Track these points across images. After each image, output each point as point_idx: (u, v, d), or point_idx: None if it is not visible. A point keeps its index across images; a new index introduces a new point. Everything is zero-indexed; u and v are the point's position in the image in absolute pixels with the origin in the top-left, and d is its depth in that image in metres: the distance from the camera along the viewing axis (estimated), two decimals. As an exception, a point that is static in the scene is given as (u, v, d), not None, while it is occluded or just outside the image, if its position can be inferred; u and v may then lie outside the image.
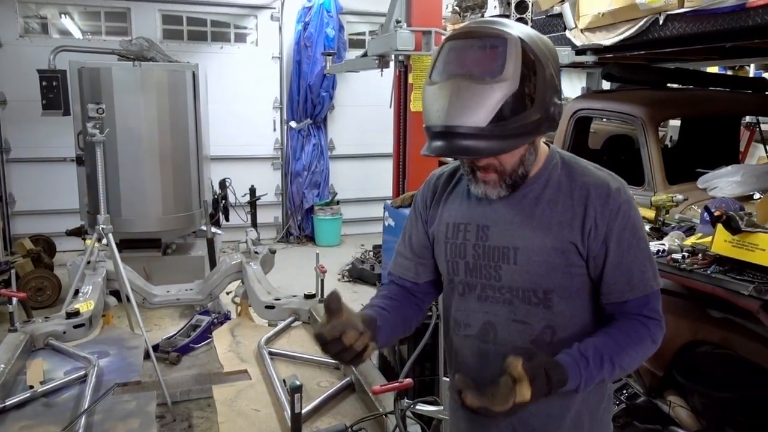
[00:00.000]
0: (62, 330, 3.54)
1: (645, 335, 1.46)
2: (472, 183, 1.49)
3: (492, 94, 1.29)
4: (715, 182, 3.42)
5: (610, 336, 1.45)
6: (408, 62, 4.45)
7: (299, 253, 8.14)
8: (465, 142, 1.31)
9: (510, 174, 1.44)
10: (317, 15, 8.22)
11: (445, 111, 1.32)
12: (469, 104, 1.30)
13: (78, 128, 5.82)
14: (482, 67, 1.31)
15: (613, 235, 1.44)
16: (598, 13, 3.71)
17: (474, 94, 1.30)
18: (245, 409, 2.85)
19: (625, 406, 3.29)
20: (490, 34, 1.34)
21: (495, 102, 1.29)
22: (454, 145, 1.33)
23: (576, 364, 1.38)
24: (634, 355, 1.44)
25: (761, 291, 2.32)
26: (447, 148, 1.34)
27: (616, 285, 1.46)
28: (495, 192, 1.46)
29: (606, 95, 4.61)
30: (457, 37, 1.39)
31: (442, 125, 1.33)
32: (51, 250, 7.06)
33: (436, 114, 1.35)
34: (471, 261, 1.53)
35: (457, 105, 1.31)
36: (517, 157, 1.42)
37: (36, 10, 7.77)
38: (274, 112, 8.75)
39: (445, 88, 1.33)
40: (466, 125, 1.30)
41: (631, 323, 1.46)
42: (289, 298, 4.11)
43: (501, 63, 1.30)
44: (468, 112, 1.30)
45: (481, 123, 1.29)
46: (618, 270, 1.45)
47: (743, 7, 2.84)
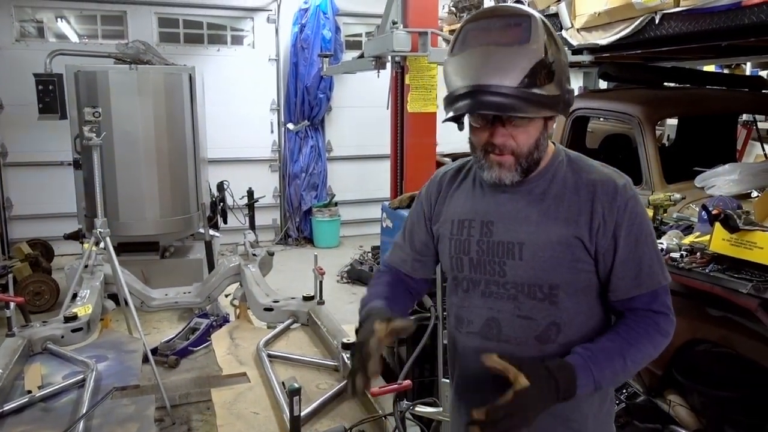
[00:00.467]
0: (60, 334, 3.53)
1: (654, 331, 1.45)
2: (485, 169, 1.48)
3: (522, 56, 1.33)
4: (713, 181, 3.42)
5: (619, 334, 1.45)
6: (404, 63, 4.46)
7: (298, 255, 8.14)
8: (494, 98, 1.33)
9: (526, 156, 1.44)
10: (314, 17, 8.22)
11: (476, 72, 1.34)
12: (500, 65, 1.33)
13: (75, 132, 5.81)
14: (509, 38, 1.35)
15: (621, 231, 1.44)
16: (594, 12, 3.71)
17: (505, 56, 1.34)
18: (244, 412, 2.84)
19: (625, 406, 3.28)
20: (513, 12, 1.39)
21: (526, 63, 1.33)
22: (482, 100, 1.34)
23: (586, 362, 1.38)
24: (645, 351, 1.44)
25: (759, 289, 2.32)
26: (475, 104, 1.35)
27: (624, 281, 1.46)
28: (509, 176, 1.46)
29: (603, 94, 4.62)
30: (478, 18, 1.42)
31: (472, 85, 1.34)
32: (49, 254, 7.05)
33: (465, 76, 1.36)
34: (475, 257, 1.53)
35: (489, 66, 1.34)
36: (533, 138, 1.43)
37: (32, 14, 7.77)
38: (271, 114, 8.75)
39: (474, 54, 1.37)
40: (498, 84, 1.32)
41: (641, 320, 1.46)
42: (288, 300, 4.10)
43: (527, 34, 1.34)
44: (500, 72, 1.33)
45: (513, 83, 1.32)
46: (626, 265, 1.45)
47: (738, 5, 2.84)
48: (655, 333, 1.45)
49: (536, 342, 1.49)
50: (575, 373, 1.36)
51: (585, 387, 1.37)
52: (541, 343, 1.49)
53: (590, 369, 1.38)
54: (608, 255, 1.46)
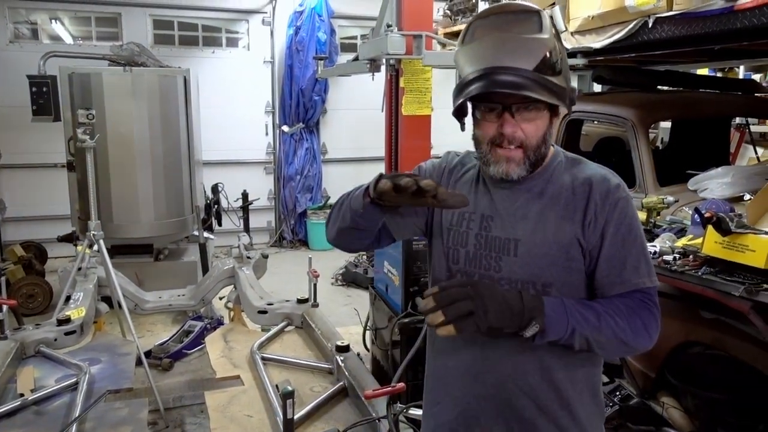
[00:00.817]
0: (53, 337, 3.52)
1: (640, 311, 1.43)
2: (491, 164, 1.47)
3: (536, 44, 1.37)
4: (706, 184, 3.43)
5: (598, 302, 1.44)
6: (399, 66, 4.47)
7: (292, 258, 8.13)
8: (510, 77, 1.35)
9: (534, 149, 1.46)
10: (309, 19, 8.22)
11: (492, 55, 1.37)
12: (515, 49, 1.36)
13: (69, 134, 5.80)
14: (520, 27, 1.39)
15: (609, 228, 1.46)
16: (588, 16, 3.72)
17: (519, 42, 1.37)
18: (238, 415, 2.84)
19: (618, 408, 3.29)
20: (523, 8, 1.43)
21: (539, 51, 1.36)
22: (497, 80, 1.35)
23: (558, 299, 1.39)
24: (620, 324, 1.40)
25: (752, 292, 2.33)
26: (491, 83, 1.35)
27: (608, 277, 1.47)
28: (517, 170, 1.46)
29: (597, 98, 4.63)
30: (487, 14, 1.45)
31: (487, 67, 1.36)
32: (42, 257, 7.02)
33: (478, 61, 1.38)
34: (472, 250, 1.53)
35: (503, 50, 1.36)
36: (541, 131, 1.45)
37: (26, 16, 7.75)
38: (266, 117, 8.75)
39: (487, 41, 1.39)
40: (513, 66, 1.35)
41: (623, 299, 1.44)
42: (282, 303, 4.10)
43: (538, 25, 1.39)
44: (515, 56, 1.35)
45: (529, 66, 1.35)
46: (610, 263, 1.46)
47: (731, 9, 2.85)
48: (635, 316, 1.42)
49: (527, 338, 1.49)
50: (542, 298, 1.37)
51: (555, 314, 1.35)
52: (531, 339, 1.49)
53: (563, 302, 1.38)
54: (594, 251, 1.47)
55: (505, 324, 1.33)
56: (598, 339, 1.40)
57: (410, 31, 4.28)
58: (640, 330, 1.43)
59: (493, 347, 1.51)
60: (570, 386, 1.52)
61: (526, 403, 1.51)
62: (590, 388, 1.57)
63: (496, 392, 1.53)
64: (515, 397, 1.51)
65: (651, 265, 1.51)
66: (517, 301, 1.33)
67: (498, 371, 1.52)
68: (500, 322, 1.32)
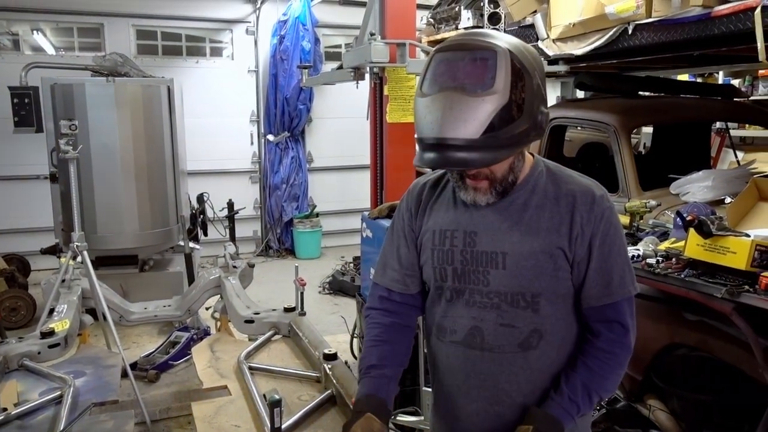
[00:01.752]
0: (37, 350, 3.47)
1: (622, 354, 1.53)
2: (461, 190, 1.51)
3: (484, 106, 1.32)
4: (687, 187, 3.47)
5: (591, 370, 1.51)
6: (383, 74, 4.48)
7: (279, 267, 8.10)
8: (458, 153, 1.35)
9: (501, 181, 1.48)
10: (293, 28, 8.24)
11: (438, 124, 1.35)
12: (461, 117, 1.33)
13: (51, 145, 5.75)
14: (473, 79, 1.35)
15: (596, 240, 1.48)
16: (569, 23, 3.76)
17: (466, 107, 1.33)
18: (225, 425, 2.81)
19: (605, 411, 3.31)
20: (480, 46, 1.38)
21: (487, 114, 1.32)
22: (447, 157, 1.36)
23: (568, 413, 1.49)
24: (615, 379, 1.54)
25: (733, 293, 2.36)
26: (440, 160, 1.37)
27: (596, 289, 1.50)
28: (485, 199, 1.49)
29: (579, 104, 4.68)
30: (447, 49, 1.42)
31: (435, 137, 1.36)
32: (25, 270, 6.94)
33: (429, 126, 1.37)
34: (459, 267, 1.54)
35: (450, 118, 1.34)
36: (506, 164, 1.46)
37: (7, 27, 7.69)
38: (251, 126, 8.74)
39: (438, 101, 1.36)
40: (459, 137, 1.33)
41: (609, 347, 1.52)
42: (269, 312, 4.08)
43: (492, 75, 1.34)
44: (461, 125, 1.33)
45: (474, 135, 1.33)
46: (599, 274, 1.49)
47: (708, 16, 2.90)
48: (624, 357, 1.54)
49: (519, 349, 1.51)
50: (563, 426, 1.48)
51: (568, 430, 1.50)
52: (523, 350, 1.51)
53: (572, 416, 1.50)
54: (582, 264, 1.49)
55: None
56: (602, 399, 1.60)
57: (394, 39, 4.30)
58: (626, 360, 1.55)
59: (486, 363, 1.53)
60: None
61: (520, 415, 1.52)
62: None
63: (490, 407, 1.55)
64: (510, 412, 1.53)
65: (633, 271, 1.55)
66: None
67: (491, 386, 1.54)
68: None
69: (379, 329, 1.68)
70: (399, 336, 1.69)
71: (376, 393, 1.59)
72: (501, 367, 1.52)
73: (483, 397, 1.54)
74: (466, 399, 1.57)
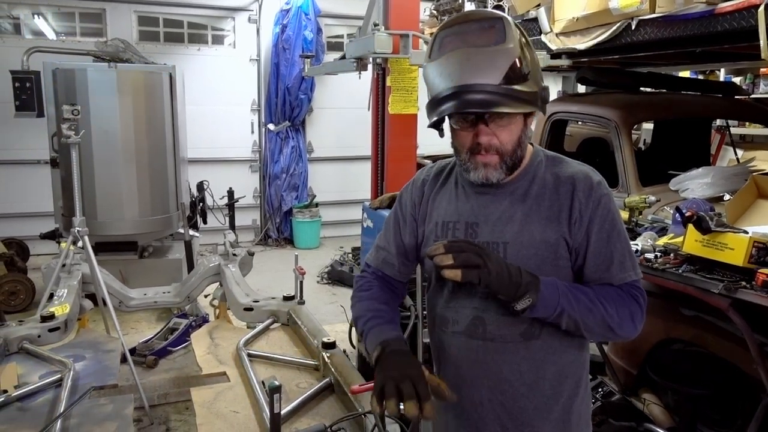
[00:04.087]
0: (37, 333, 3.49)
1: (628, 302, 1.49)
2: (470, 170, 1.51)
3: (500, 56, 1.37)
4: (687, 184, 3.49)
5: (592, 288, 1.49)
6: (386, 65, 4.49)
7: (278, 256, 8.12)
8: (480, 96, 1.37)
9: (510, 154, 1.48)
10: (295, 17, 8.21)
11: (458, 73, 1.38)
12: (481, 65, 1.37)
13: (52, 130, 5.74)
14: (484, 39, 1.39)
15: (594, 226, 1.49)
16: (573, 17, 3.77)
17: (485, 56, 1.37)
18: (224, 411, 2.84)
19: (600, 404, 3.34)
20: (485, 15, 1.44)
21: (505, 62, 1.37)
22: (469, 99, 1.37)
23: (553, 280, 1.44)
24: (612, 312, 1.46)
25: (730, 289, 2.38)
26: (462, 104, 1.38)
27: (596, 273, 1.51)
28: (496, 174, 1.49)
29: (581, 99, 4.69)
30: (452, 23, 1.46)
31: (456, 86, 1.38)
32: (24, 254, 6.95)
33: (447, 79, 1.40)
34: None
35: (469, 66, 1.37)
36: (515, 136, 1.47)
37: (8, 11, 7.65)
38: (252, 115, 8.72)
39: (453, 57, 1.40)
40: (480, 82, 1.36)
41: (616, 288, 1.50)
42: (268, 300, 4.10)
43: (502, 34, 1.39)
44: (481, 72, 1.36)
45: (495, 81, 1.36)
46: (597, 259, 1.50)
47: (712, 12, 2.91)
48: (623, 306, 1.48)
49: (521, 338, 1.52)
50: (539, 277, 1.43)
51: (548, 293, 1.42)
52: (525, 339, 1.52)
53: (557, 285, 1.44)
54: (581, 249, 1.51)
55: (502, 289, 1.40)
56: (586, 322, 1.46)
57: (397, 30, 4.30)
58: (626, 319, 1.49)
59: (488, 352, 1.54)
60: (563, 381, 1.56)
61: (523, 404, 1.54)
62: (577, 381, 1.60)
63: (493, 397, 1.56)
64: (512, 400, 1.55)
65: (635, 258, 1.56)
66: (516, 272, 1.41)
67: (494, 376, 1.55)
68: (499, 285, 1.39)
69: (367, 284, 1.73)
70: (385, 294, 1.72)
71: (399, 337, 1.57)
72: (503, 356, 1.53)
73: (486, 386, 1.56)
74: (469, 389, 1.59)
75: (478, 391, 1.58)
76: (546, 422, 1.56)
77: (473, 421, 1.60)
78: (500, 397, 1.55)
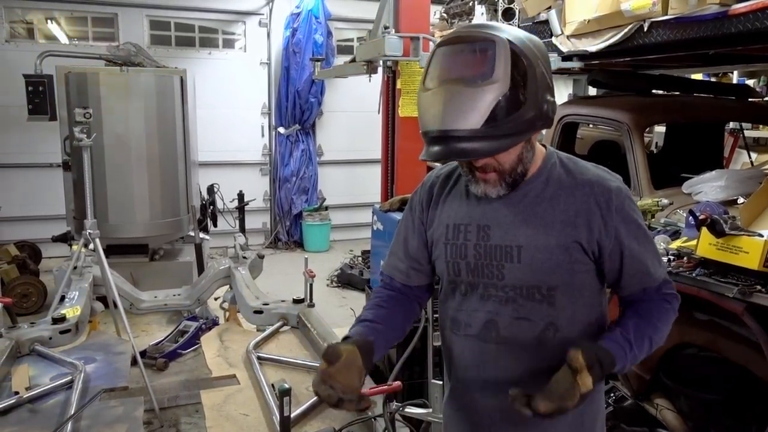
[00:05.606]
0: (48, 336, 3.51)
1: (670, 310, 1.55)
2: (471, 183, 1.51)
3: (484, 96, 1.32)
4: (700, 187, 3.46)
5: (641, 317, 1.52)
6: (396, 68, 4.48)
7: (288, 259, 8.12)
8: (461, 144, 1.35)
9: (509, 172, 1.47)
10: (306, 21, 8.23)
11: (440, 116, 1.35)
12: (462, 108, 1.33)
13: (64, 133, 5.79)
14: (473, 70, 1.35)
15: (622, 231, 1.48)
16: (584, 20, 3.74)
17: (467, 98, 1.33)
18: (234, 413, 2.84)
19: (612, 409, 3.31)
20: (479, 37, 1.38)
21: (487, 104, 1.32)
22: (451, 148, 1.36)
23: (622, 348, 1.45)
24: (664, 330, 1.53)
25: (745, 293, 2.35)
26: (444, 152, 1.37)
27: (636, 276, 1.52)
28: (495, 191, 1.48)
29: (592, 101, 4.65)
30: (447, 43, 1.42)
31: (438, 130, 1.36)
32: (36, 257, 6.99)
33: (431, 120, 1.38)
34: (472, 261, 1.54)
35: (451, 109, 1.34)
36: (514, 155, 1.45)
37: (22, 15, 7.73)
38: (262, 118, 8.75)
39: (439, 94, 1.37)
40: (461, 128, 1.33)
41: (656, 303, 1.54)
42: (278, 303, 4.11)
43: (491, 65, 1.33)
44: (462, 115, 1.33)
45: (476, 125, 1.33)
46: (635, 262, 1.50)
47: (726, 14, 2.88)
48: (671, 313, 1.55)
49: (534, 342, 1.51)
50: (615, 360, 1.43)
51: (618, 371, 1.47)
52: (539, 343, 1.51)
53: (625, 353, 1.45)
54: (615, 256, 1.49)
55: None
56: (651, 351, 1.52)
57: (407, 33, 4.29)
58: (673, 318, 1.56)
59: (501, 356, 1.53)
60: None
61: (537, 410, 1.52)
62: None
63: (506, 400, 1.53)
64: None
65: (659, 254, 1.58)
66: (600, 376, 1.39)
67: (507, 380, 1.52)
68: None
69: (379, 298, 1.71)
70: (397, 307, 1.70)
71: (365, 336, 1.56)
72: (516, 360, 1.52)
73: (499, 390, 1.54)
74: (482, 392, 1.57)
75: (490, 394, 1.56)
76: (559, 426, 1.54)
77: (485, 425, 1.59)
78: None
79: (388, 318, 1.66)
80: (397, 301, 1.71)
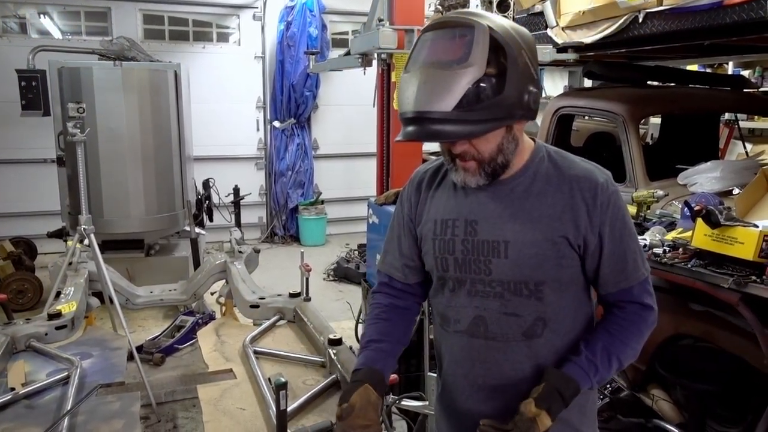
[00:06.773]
0: (44, 331, 3.51)
1: (642, 326, 1.53)
2: (452, 171, 1.51)
3: (458, 79, 1.32)
4: (695, 178, 3.46)
5: (611, 335, 1.51)
6: (391, 60, 4.45)
7: (284, 253, 8.12)
8: (435, 126, 1.36)
9: (489, 162, 1.45)
10: (300, 14, 8.20)
11: (415, 98, 1.37)
12: (435, 90, 1.34)
13: (58, 129, 5.76)
14: (450, 54, 1.35)
15: (606, 228, 1.47)
16: (579, 11, 3.74)
17: (441, 80, 1.34)
18: (231, 408, 2.84)
19: (608, 400, 3.32)
20: (460, 23, 1.38)
21: (461, 87, 1.32)
22: (426, 129, 1.37)
23: (586, 373, 1.46)
24: (636, 347, 1.53)
25: (740, 284, 2.36)
26: (418, 133, 1.38)
27: (612, 275, 1.50)
28: (474, 180, 1.48)
29: (588, 93, 4.65)
30: (431, 28, 1.43)
31: (413, 111, 1.37)
32: (32, 253, 6.98)
33: (407, 101, 1.39)
34: (460, 256, 1.53)
35: (425, 91, 1.35)
36: (494, 144, 1.44)
37: (14, 10, 7.67)
38: (257, 112, 8.73)
39: (415, 76, 1.38)
40: (435, 110, 1.34)
41: (630, 316, 1.53)
42: (274, 297, 4.10)
43: (468, 50, 1.33)
44: (435, 98, 1.34)
45: (447, 108, 1.33)
46: (612, 260, 1.49)
47: (720, 4, 2.88)
48: (644, 328, 1.53)
49: (523, 338, 1.50)
50: (579, 386, 1.46)
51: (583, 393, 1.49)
52: (527, 338, 1.50)
53: (590, 378, 1.47)
54: (595, 252, 1.49)
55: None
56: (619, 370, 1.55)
57: (402, 26, 4.27)
58: (647, 333, 1.55)
59: (490, 352, 1.53)
60: None
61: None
62: None
63: (496, 395, 1.55)
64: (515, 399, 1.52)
65: (643, 253, 1.56)
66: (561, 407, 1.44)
67: (497, 375, 1.54)
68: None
69: (379, 309, 1.72)
70: (398, 316, 1.71)
71: (373, 365, 1.59)
72: (506, 355, 1.52)
73: (488, 385, 1.54)
74: (472, 388, 1.57)
75: (480, 390, 1.56)
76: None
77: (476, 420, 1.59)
78: (502, 395, 1.53)
79: (391, 331, 1.68)
80: (396, 308, 1.72)
